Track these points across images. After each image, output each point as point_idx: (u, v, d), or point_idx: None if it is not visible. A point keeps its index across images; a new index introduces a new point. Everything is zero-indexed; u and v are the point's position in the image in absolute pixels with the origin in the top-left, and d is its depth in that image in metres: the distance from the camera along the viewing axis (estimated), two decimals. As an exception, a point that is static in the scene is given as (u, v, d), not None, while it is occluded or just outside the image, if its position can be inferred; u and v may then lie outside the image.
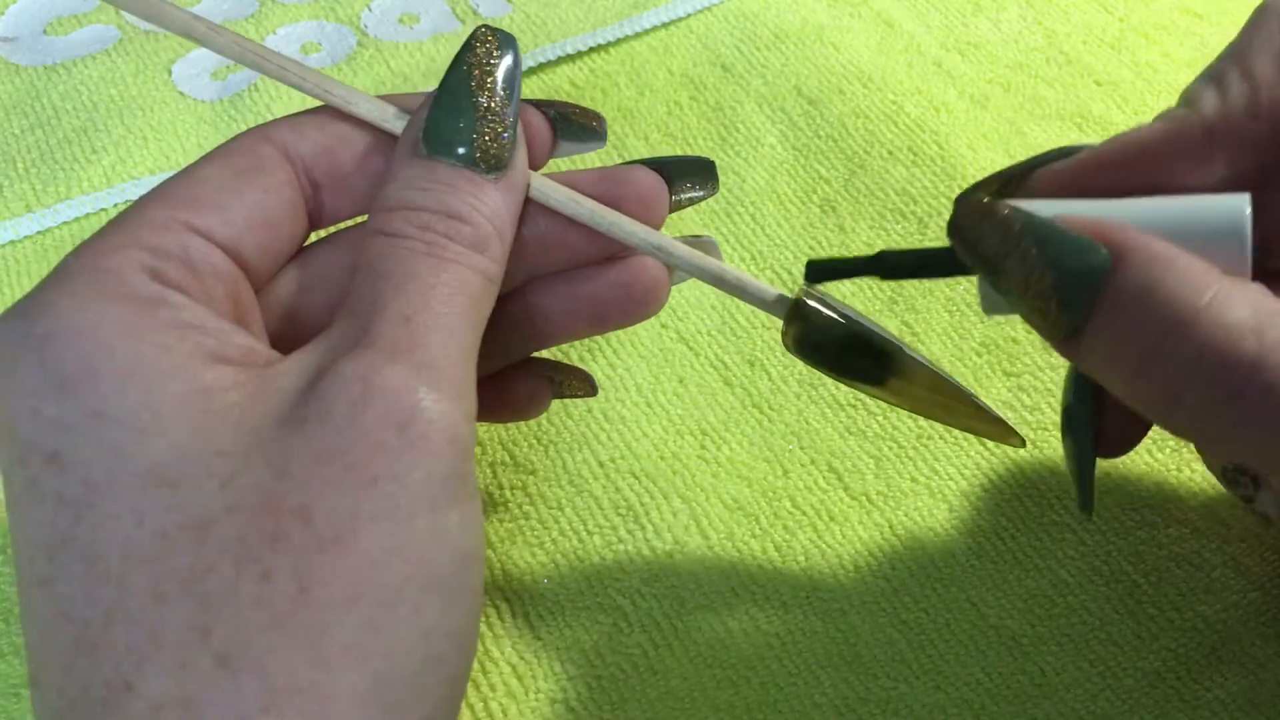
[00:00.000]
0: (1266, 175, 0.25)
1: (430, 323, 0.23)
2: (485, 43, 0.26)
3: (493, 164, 0.25)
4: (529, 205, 0.26)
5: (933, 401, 0.27)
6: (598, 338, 0.36)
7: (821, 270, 0.27)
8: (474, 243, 0.24)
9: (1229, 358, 0.21)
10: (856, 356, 0.26)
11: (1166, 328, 0.22)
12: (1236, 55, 0.25)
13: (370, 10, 0.46)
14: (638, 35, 0.45)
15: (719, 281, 0.27)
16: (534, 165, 0.27)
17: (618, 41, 0.45)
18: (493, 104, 0.25)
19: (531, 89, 0.43)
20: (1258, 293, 0.22)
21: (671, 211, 0.28)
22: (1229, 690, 0.29)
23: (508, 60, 0.26)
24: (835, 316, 0.26)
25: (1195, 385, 0.22)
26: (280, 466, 0.21)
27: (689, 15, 0.46)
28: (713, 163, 0.29)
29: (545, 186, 0.26)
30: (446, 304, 0.23)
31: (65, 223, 0.40)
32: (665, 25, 0.45)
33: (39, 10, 0.46)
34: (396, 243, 0.24)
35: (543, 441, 0.34)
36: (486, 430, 0.34)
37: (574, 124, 0.28)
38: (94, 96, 0.43)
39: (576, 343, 0.36)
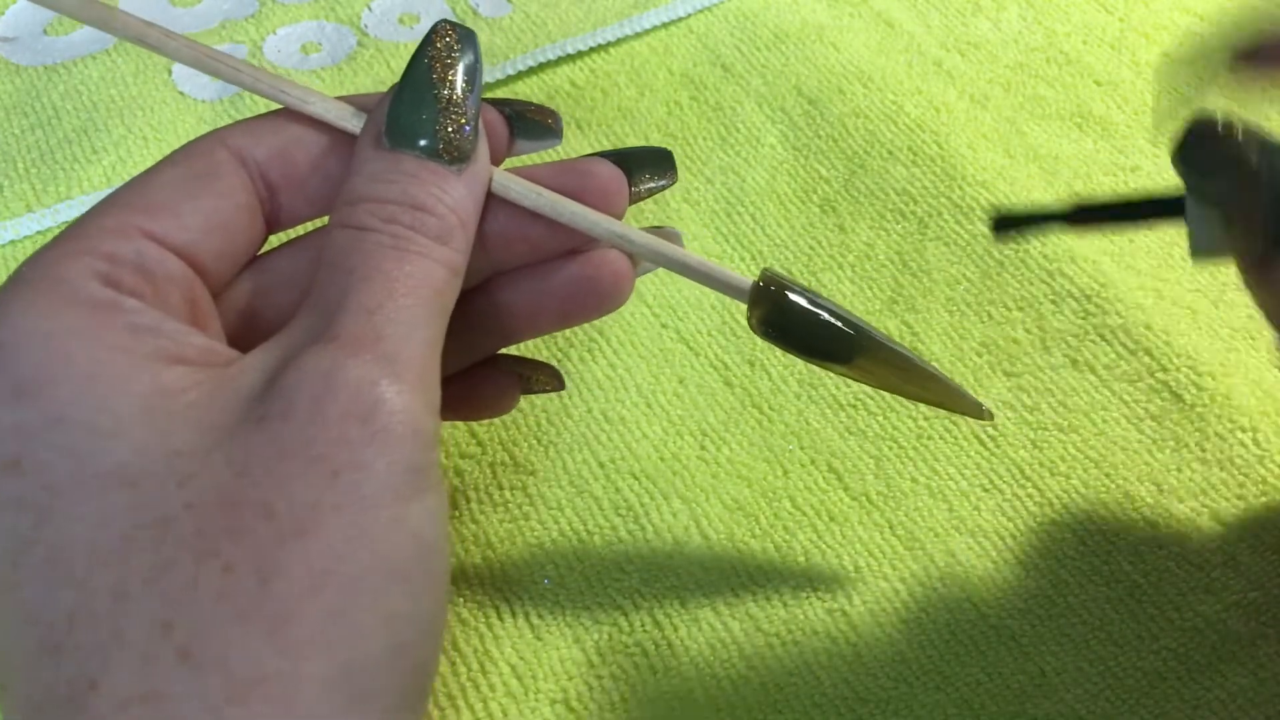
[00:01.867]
0: None
1: (394, 315, 0.23)
2: (445, 37, 0.26)
3: (456, 155, 0.25)
4: (490, 200, 0.26)
5: (901, 378, 0.27)
6: (598, 338, 0.36)
7: (1010, 221, 0.26)
8: (439, 234, 0.24)
9: None
10: (821, 337, 0.27)
11: None
12: None
13: (370, 10, 0.46)
14: (638, 35, 0.45)
15: (683, 269, 0.27)
16: (492, 163, 0.27)
17: (618, 41, 0.45)
18: (454, 96, 0.25)
19: (532, 89, 0.43)
20: None
21: (632, 203, 0.28)
22: (1229, 689, 0.29)
23: (468, 54, 0.26)
24: (795, 298, 0.26)
25: None
26: (241, 463, 0.21)
27: (689, 15, 0.46)
28: (670, 152, 0.29)
29: (506, 180, 0.26)
30: (410, 296, 0.23)
31: (65, 223, 0.40)
32: (665, 25, 0.45)
33: (39, 10, 0.46)
34: (361, 236, 0.24)
35: (543, 442, 0.34)
36: (487, 430, 0.34)
37: (530, 122, 0.28)
38: (94, 96, 0.43)
39: (577, 344, 0.36)
